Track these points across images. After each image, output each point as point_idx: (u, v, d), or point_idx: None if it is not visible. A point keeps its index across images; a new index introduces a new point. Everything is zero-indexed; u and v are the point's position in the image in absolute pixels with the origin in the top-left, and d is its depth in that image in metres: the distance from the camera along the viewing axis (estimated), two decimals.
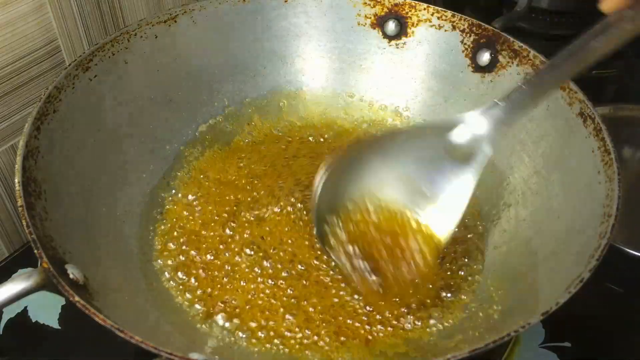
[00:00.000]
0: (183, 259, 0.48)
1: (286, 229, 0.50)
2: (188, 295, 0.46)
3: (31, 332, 0.51)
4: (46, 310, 0.52)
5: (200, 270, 0.47)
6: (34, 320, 0.51)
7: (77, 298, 0.34)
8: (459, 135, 0.43)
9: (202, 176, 0.54)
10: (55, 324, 0.51)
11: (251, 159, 0.56)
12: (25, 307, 0.52)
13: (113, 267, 0.44)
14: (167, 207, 0.52)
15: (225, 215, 0.51)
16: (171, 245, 0.49)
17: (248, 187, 0.53)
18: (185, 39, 0.55)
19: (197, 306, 0.45)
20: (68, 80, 0.47)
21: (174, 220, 0.51)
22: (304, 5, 0.58)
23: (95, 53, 0.49)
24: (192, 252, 0.49)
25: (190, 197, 0.53)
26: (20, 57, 0.51)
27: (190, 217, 0.51)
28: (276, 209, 0.51)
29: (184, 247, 0.49)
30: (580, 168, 0.45)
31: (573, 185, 0.45)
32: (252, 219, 0.50)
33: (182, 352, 0.33)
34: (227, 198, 0.52)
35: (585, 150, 0.44)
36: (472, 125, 0.42)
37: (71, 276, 0.37)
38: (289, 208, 0.51)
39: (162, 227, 0.50)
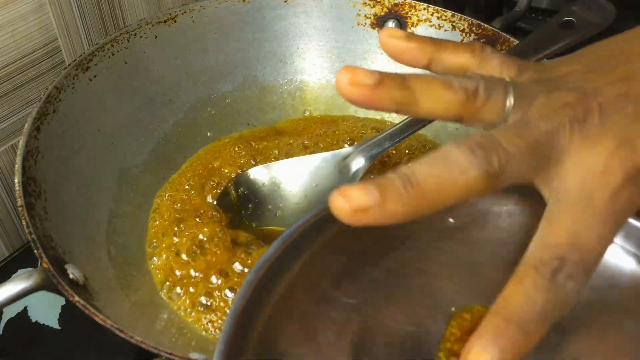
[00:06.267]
0: (180, 258, 0.48)
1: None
2: (187, 296, 0.46)
3: (31, 332, 0.51)
4: (46, 310, 0.51)
5: (197, 271, 0.47)
6: (34, 320, 0.51)
7: (77, 298, 0.34)
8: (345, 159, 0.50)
9: (201, 176, 0.54)
10: (55, 324, 0.51)
11: (252, 158, 0.56)
12: (25, 307, 0.52)
13: (112, 267, 0.44)
14: (167, 207, 0.52)
15: (225, 216, 0.51)
16: (170, 245, 0.49)
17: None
18: (185, 39, 0.55)
19: (196, 307, 0.45)
20: (68, 80, 0.47)
21: (174, 220, 0.51)
22: (303, 5, 0.58)
23: (95, 53, 0.49)
24: (194, 249, 0.49)
25: (189, 197, 0.53)
26: (20, 57, 0.51)
27: (190, 217, 0.51)
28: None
29: (182, 247, 0.49)
30: None
31: None
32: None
33: (182, 352, 0.33)
34: None
35: None
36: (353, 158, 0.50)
37: (71, 276, 0.37)
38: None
39: (161, 226, 0.50)
